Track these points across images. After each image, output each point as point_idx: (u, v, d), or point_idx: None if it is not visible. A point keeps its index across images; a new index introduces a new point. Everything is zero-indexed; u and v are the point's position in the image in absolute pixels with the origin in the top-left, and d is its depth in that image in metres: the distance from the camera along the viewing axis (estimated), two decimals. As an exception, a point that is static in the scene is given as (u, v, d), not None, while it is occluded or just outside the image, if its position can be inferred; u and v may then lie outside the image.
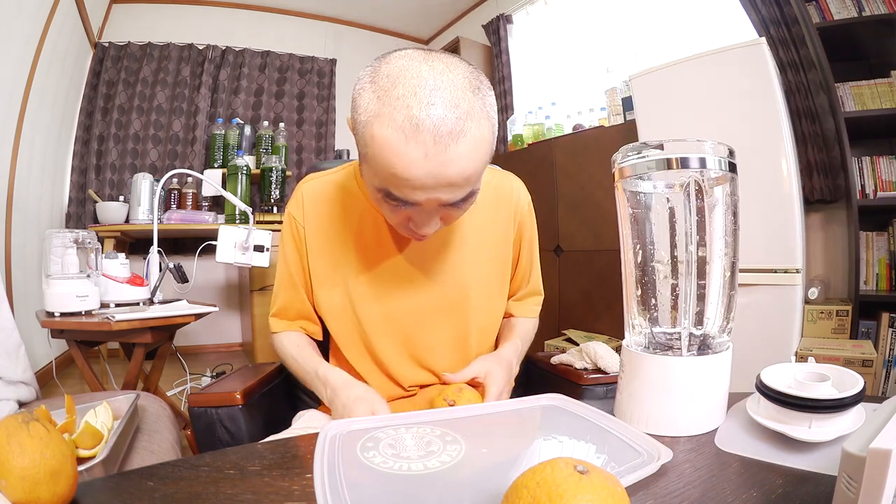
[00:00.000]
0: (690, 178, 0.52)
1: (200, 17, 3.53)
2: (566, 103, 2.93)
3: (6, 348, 0.92)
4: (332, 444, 0.47)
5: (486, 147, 0.55)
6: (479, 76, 0.56)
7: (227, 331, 3.54)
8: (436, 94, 0.51)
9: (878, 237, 1.93)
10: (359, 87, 0.55)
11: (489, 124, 0.55)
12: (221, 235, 1.59)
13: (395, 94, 0.51)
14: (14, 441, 0.36)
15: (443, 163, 0.52)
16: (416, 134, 0.50)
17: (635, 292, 0.57)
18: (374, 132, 0.52)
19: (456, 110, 0.51)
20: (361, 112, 0.54)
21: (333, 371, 0.73)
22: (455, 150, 0.51)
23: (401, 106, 0.50)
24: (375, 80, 0.53)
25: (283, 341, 0.82)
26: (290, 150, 3.64)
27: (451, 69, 0.53)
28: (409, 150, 0.51)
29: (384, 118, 0.51)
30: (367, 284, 0.75)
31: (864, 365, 1.61)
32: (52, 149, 2.80)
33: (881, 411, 0.35)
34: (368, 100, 0.53)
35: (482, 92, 0.54)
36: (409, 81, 0.51)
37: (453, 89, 0.51)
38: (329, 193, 0.77)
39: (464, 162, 0.53)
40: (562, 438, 0.51)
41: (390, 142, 0.51)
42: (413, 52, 0.55)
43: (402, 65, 0.53)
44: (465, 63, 0.56)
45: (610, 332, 2.41)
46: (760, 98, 1.75)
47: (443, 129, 0.50)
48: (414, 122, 0.50)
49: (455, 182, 0.54)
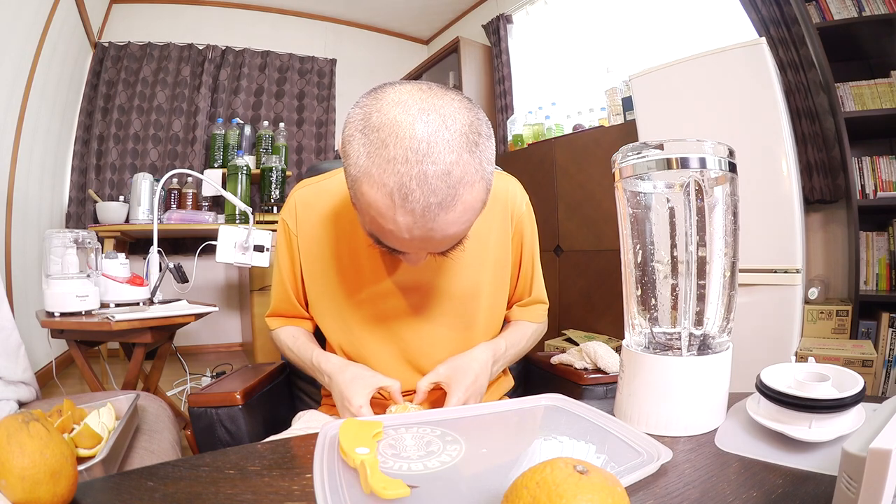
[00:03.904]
0: (690, 178, 0.52)
1: (200, 17, 3.53)
2: (566, 103, 2.93)
3: (6, 348, 0.92)
4: (332, 444, 0.47)
5: (477, 207, 0.53)
6: (478, 125, 0.52)
7: (227, 331, 3.54)
8: (428, 160, 0.48)
9: (878, 237, 1.93)
10: (348, 133, 0.52)
11: (483, 183, 0.52)
12: (221, 235, 1.59)
13: (385, 156, 0.48)
14: (14, 441, 0.36)
15: (431, 229, 0.51)
16: (406, 203, 0.49)
17: (635, 292, 0.57)
18: (363, 190, 0.51)
19: (448, 178, 0.48)
20: (352, 164, 0.51)
21: (326, 358, 0.73)
22: (444, 219, 0.50)
23: (391, 170, 0.48)
24: (366, 130, 0.50)
25: (280, 336, 0.83)
26: (290, 150, 3.65)
27: (448, 124, 0.49)
28: (398, 216, 0.50)
29: (374, 179, 0.49)
30: (361, 292, 0.75)
31: (864, 365, 1.61)
32: (52, 149, 2.80)
33: (881, 411, 0.35)
34: (358, 152, 0.50)
35: (480, 147, 0.51)
36: (402, 142, 0.48)
37: (448, 152, 0.48)
38: (322, 201, 0.77)
39: (452, 228, 0.52)
40: (562, 438, 0.51)
41: (379, 205, 0.50)
42: (408, 96, 0.50)
43: (395, 118, 0.49)
44: (466, 109, 0.52)
45: (610, 332, 2.41)
46: (760, 98, 1.75)
47: (432, 199, 0.49)
48: (403, 192, 0.48)
49: (443, 242, 0.54)
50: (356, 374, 0.67)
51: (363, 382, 0.65)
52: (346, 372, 0.68)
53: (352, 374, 0.67)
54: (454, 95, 0.53)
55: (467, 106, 0.52)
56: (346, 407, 0.64)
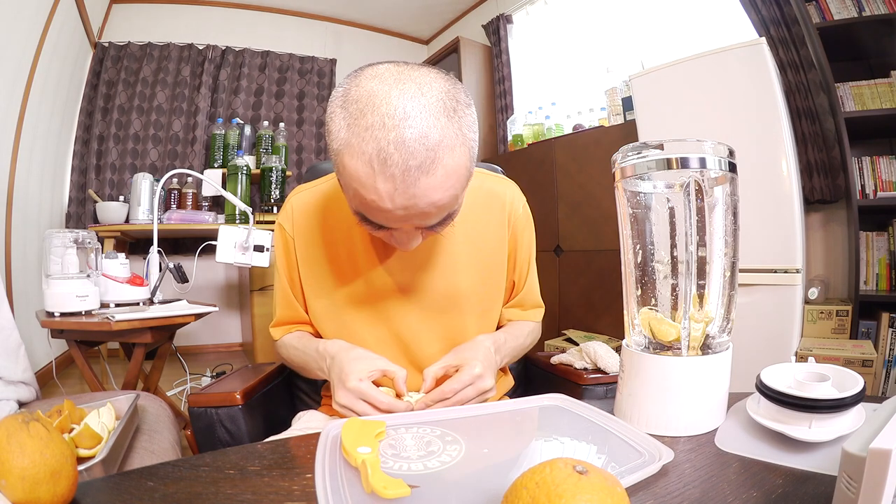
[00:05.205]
0: (690, 178, 0.52)
1: (200, 17, 3.53)
2: (566, 103, 2.93)
3: (6, 348, 0.92)
4: (333, 444, 0.47)
5: (461, 173, 0.53)
6: (455, 94, 0.52)
7: (227, 331, 3.54)
8: (405, 125, 0.48)
9: (878, 237, 1.93)
10: (330, 111, 0.53)
11: (465, 149, 0.52)
12: (221, 235, 1.59)
13: (363, 124, 0.49)
14: (14, 441, 0.36)
15: (413, 195, 0.50)
16: (385, 168, 0.49)
17: (635, 292, 0.57)
18: (344, 162, 0.51)
19: (426, 141, 0.49)
20: (333, 139, 0.52)
21: (331, 342, 0.72)
22: (426, 183, 0.50)
23: (369, 137, 0.49)
24: (346, 104, 0.51)
25: (285, 341, 0.82)
26: (290, 150, 3.64)
27: (424, 91, 0.50)
28: (378, 183, 0.50)
29: (353, 149, 0.50)
30: (358, 295, 0.75)
31: (864, 365, 1.61)
32: (52, 149, 2.80)
33: (881, 411, 0.35)
34: (339, 126, 0.51)
35: (458, 113, 0.52)
36: (378, 109, 0.49)
37: (425, 116, 0.49)
38: (318, 205, 0.77)
39: (436, 193, 0.51)
40: (562, 439, 0.51)
41: (360, 174, 0.50)
42: (385, 70, 0.52)
43: (372, 88, 0.50)
44: (442, 79, 0.53)
45: (610, 332, 2.41)
46: (760, 98, 1.75)
47: (411, 162, 0.49)
48: (382, 157, 0.48)
49: (428, 211, 0.53)
50: (361, 355, 0.66)
51: (368, 363, 0.64)
52: (350, 352, 0.67)
53: (357, 354, 0.66)
54: (431, 69, 0.54)
55: (444, 76, 0.54)
56: (342, 381, 0.61)
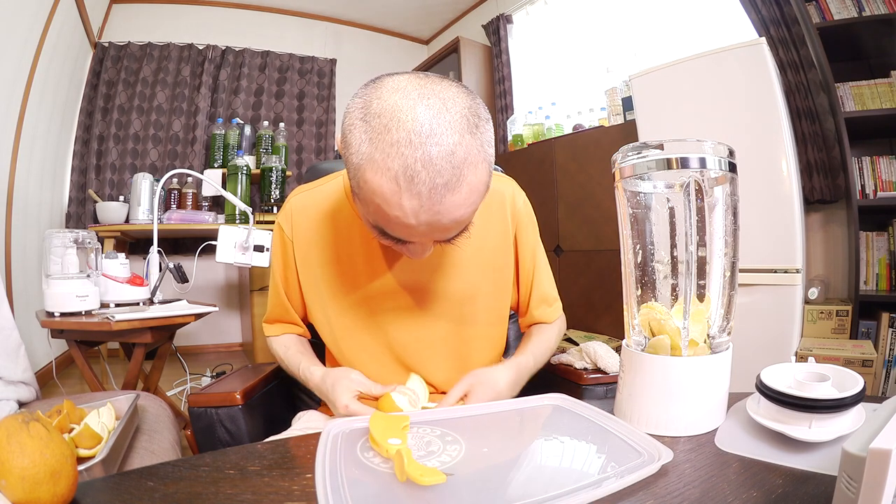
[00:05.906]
0: (690, 178, 0.52)
1: (200, 17, 3.53)
2: (566, 103, 2.93)
3: (6, 348, 0.92)
4: (333, 443, 0.47)
5: (482, 189, 0.53)
6: (477, 109, 0.52)
7: (227, 331, 3.54)
8: (431, 142, 0.48)
9: (878, 237, 1.93)
10: (349, 122, 0.52)
11: (486, 165, 0.53)
12: (221, 235, 1.59)
13: (388, 140, 0.48)
14: (14, 441, 0.36)
15: (438, 212, 0.50)
16: (411, 186, 0.48)
17: (635, 292, 0.57)
18: (367, 177, 0.50)
19: (452, 159, 0.49)
20: (353, 152, 0.51)
21: (310, 372, 0.74)
22: (451, 200, 0.50)
23: (395, 154, 0.48)
24: (367, 117, 0.50)
25: (274, 345, 0.84)
26: (290, 150, 3.64)
27: (449, 107, 0.50)
28: (404, 200, 0.49)
29: (378, 165, 0.49)
30: (358, 293, 0.74)
31: (864, 365, 1.61)
32: (52, 149, 2.80)
33: (881, 411, 0.35)
34: (360, 140, 0.50)
35: (480, 129, 0.52)
36: (404, 125, 0.48)
37: (451, 133, 0.49)
38: (318, 207, 0.76)
39: (459, 210, 0.51)
40: (562, 438, 0.51)
41: (384, 190, 0.50)
42: (407, 83, 0.51)
43: (396, 103, 0.49)
44: (464, 94, 0.53)
45: (610, 332, 2.41)
46: (760, 98, 1.75)
47: (438, 180, 0.48)
48: (409, 175, 0.48)
49: (449, 227, 0.53)
50: (336, 378, 0.68)
51: (344, 387, 0.66)
52: (327, 380, 0.69)
53: (332, 380, 0.68)
54: (451, 82, 0.54)
55: (465, 91, 0.53)
56: (336, 410, 0.65)
